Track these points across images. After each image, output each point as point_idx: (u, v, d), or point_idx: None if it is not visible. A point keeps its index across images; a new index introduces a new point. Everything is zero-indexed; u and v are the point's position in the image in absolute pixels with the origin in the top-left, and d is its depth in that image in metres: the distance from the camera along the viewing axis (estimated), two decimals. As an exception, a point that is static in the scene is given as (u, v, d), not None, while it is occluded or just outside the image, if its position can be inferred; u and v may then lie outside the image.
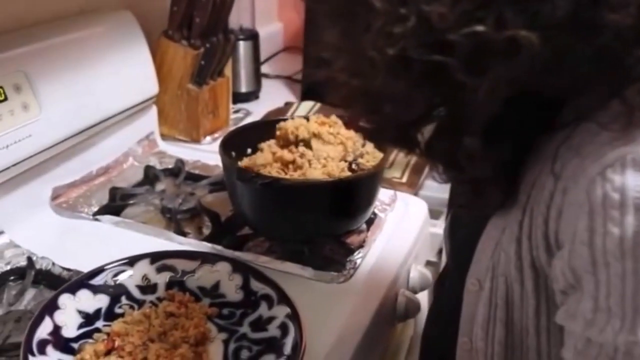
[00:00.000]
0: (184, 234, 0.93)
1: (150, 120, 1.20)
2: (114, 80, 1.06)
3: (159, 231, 0.93)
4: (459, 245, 0.64)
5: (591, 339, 0.44)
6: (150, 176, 1.09)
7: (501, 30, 0.40)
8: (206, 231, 0.95)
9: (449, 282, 0.71)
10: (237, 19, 1.45)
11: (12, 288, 0.82)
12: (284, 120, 0.94)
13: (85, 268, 0.82)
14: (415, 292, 0.95)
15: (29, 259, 0.85)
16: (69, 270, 0.84)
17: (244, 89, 1.50)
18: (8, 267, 0.85)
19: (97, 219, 0.96)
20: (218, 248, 0.88)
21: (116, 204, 1.00)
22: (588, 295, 0.43)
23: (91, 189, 1.04)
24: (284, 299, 0.70)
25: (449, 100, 0.46)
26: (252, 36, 1.49)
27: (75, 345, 0.67)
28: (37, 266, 0.84)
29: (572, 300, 0.45)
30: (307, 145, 0.88)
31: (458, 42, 0.41)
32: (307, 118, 0.94)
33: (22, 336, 0.71)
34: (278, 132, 0.91)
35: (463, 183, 0.55)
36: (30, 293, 0.81)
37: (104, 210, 0.99)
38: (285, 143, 0.89)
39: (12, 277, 0.84)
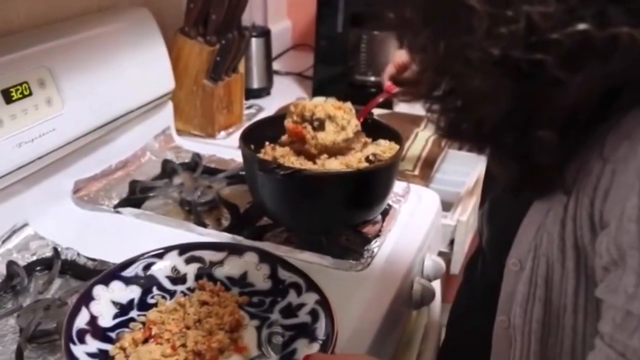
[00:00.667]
0: (203, 225, 0.95)
1: (166, 116, 1.23)
2: (131, 76, 1.08)
3: (179, 222, 0.95)
4: (499, 229, 0.66)
5: (632, 311, 0.45)
6: (168, 170, 1.12)
7: (604, 28, 0.41)
8: (225, 222, 0.98)
9: (482, 265, 0.73)
10: (250, 16, 1.48)
11: (39, 278, 0.85)
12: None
13: (109, 258, 0.85)
14: (429, 280, 0.97)
15: (55, 249, 0.87)
16: (93, 260, 0.86)
17: (256, 85, 1.52)
18: (34, 258, 0.87)
19: (118, 212, 0.99)
20: (239, 238, 0.90)
21: (136, 197, 1.03)
22: (631, 271, 0.45)
23: (111, 182, 1.06)
24: (312, 287, 0.73)
25: (536, 95, 0.47)
26: (264, 33, 1.51)
27: (113, 335, 0.69)
28: (63, 256, 0.86)
29: (614, 276, 0.47)
30: (321, 125, 0.89)
31: (560, 41, 0.42)
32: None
33: (51, 323, 0.74)
34: (293, 108, 0.92)
35: (522, 171, 0.55)
36: (57, 283, 0.84)
37: (125, 203, 1.01)
38: (300, 119, 0.91)
39: (38, 268, 0.86)
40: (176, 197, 1.04)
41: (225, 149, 1.21)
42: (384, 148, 0.94)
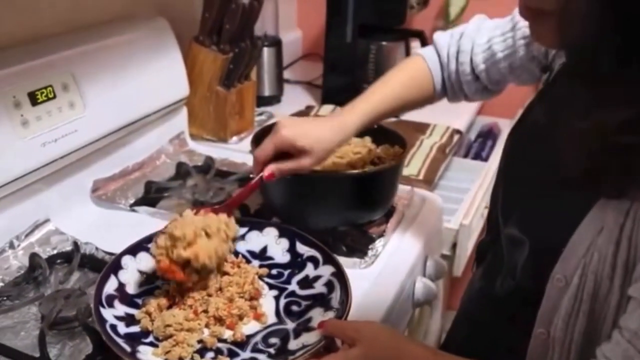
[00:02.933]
0: (216, 224, 0.99)
1: (180, 121, 1.28)
2: (148, 82, 1.13)
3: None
4: (541, 246, 0.65)
5: None
6: (182, 172, 1.16)
7: None
8: (236, 222, 1.02)
9: (509, 278, 0.72)
10: (262, 26, 1.52)
11: (59, 270, 0.89)
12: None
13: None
14: (431, 280, 1.01)
15: (75, 243, 0.92)
16: (111, 254, 0.91)
17: (267, 92, 1.57)
18: (55, 252, 0.92)
19: (134, 210, 1.03)
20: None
21: (151, 196, 1.08)
22: None
23: (127, 182, 1.11)
24: (329, 260, 0.77)
25: None
26: (276, 43, 1.56)
27: (139, 301, 0.74)
28: (82, 250, 0.91)
29: None
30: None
31: None
32: None
33: (71, 311, 0.78)
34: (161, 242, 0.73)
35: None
36: (76, 275, 0.89)
37: (140, 202, 1.06)
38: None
39: (59, 261, 0.91)
40: (189, 197, 1.08)
41: (237, 153, 1.25)
42: (389, 152, 0.98)
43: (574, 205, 0.59)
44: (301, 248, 0.81)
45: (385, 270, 0.91)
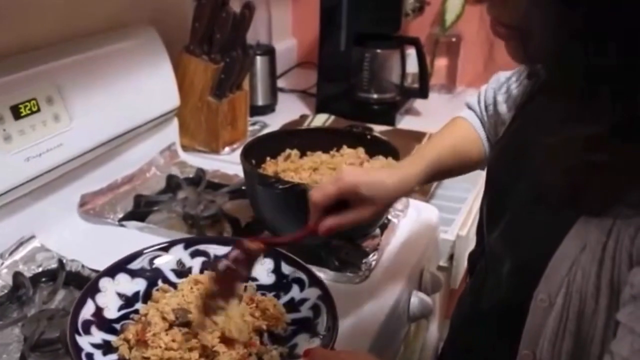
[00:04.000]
0: (205, 239, 0.97)
1: (171, 132, 1.26)
2: (138, 93, 1.11)
3: (182, 236, 0.97)
4: (523, 262, 0.64)
5: None
6: (172, 185, 1.14)
7: None
8: (227, 236, 1.00)
9: (494, 294, 0.70)
10: (255, 34, 1.51)
11: (43, 289, 0.87)
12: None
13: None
14: (428, 294, 0.98)
15: (60, 261, 0.89)
16: (97, 272, 0.88)
17: (260, 102, 1.55)
18: (40, 270, 0.90)
19: (122, 225, 1.01)
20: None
21: (140, 211, 1.05)
22: None
23: (116, 196, 1.09)
24: (315, 282, 0.74)
25: None
26: (269, 51, 1.54)
27: (118, 326, 0.71)
28: (68, 268, 0.89)
29: None
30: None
31: None
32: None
33: (54, 333, 0.76)
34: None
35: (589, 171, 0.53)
36: (61, 294, 0.86)
37: (129, 216, 1.03)
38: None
39: (43, 279, 0.88)
40: (180, 211, 1.06)
41: (229, 164, 1.23)
42: (382, 164, 0.96)
43: (556, 221, 0.57)
44: (286, 269, 0.78)
45: (380, 285, 0.89)
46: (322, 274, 0.88)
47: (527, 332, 0.61)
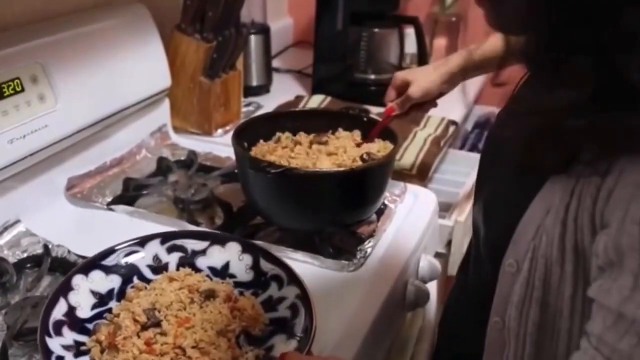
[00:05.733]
0: (196, 224, 0.94)
1: (162, 113, 1.22)
2: (127, 73, 1.07)
3: (172, 220, 0.94)
4: (496, 227, 0.64)
5: (625, 314, 0.44)
6: (163, 167, 1.11)
7: None
8: (218, 221, 0.97)
9: (476, 267, 0.72)
10: (249, 13, 1.47)
11: (28, 275, 0.84)
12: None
13: (101, 256, 0.84)
14: (424, 281, 0.96)
15: (45, 246, 0.86)
16: (84, 257, 0.85)
17: (255, 82, 1.51)
18: (25, 255, 0.87)
19: (111, 209, 0.98)
20: (230, 237, 0.89)
21: (130, 194, 1.02)
22: (629, 273, 0.44)
23: (105, 179, 1.06)
24: (294, 280, 0.71)
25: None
26: (264, 30, 1.50)
27: (90, 326, 0.68)
28: (53, 254, 0.86)
29: (609, 277, 0.46)
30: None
31: None
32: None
33: (38, 321, 0.73)
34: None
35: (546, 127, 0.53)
36: (47, 280, 0.83)
37: (118, 200, 1.00)
38: None
39: (28, 265, 0.86)
40: (170, 194, 1.03)
41: (222, 146, 1.20)
42: (379, 147, 0.93)
43: (524, 187, 0.57)
44: (265, 265, 0.75)
45: (375, 273, 0.86)
46: (316, 261, 0.86)
47: (497, 298, 0.60)
